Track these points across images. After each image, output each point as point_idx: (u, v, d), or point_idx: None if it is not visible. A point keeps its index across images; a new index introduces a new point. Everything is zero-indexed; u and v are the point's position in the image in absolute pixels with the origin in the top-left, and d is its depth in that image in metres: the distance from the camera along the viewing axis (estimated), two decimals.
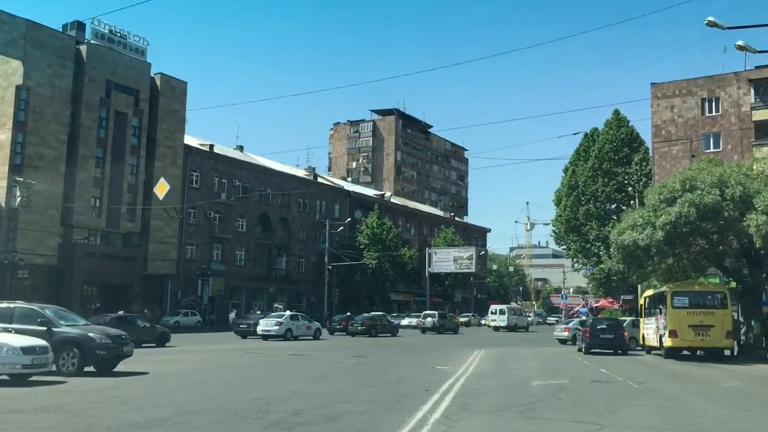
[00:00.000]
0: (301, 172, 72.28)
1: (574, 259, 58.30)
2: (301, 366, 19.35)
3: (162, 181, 41.03)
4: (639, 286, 42.65)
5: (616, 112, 57.37)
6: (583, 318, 52.80)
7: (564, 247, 58.51)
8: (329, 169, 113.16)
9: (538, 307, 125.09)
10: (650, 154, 50.70)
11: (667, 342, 24.20)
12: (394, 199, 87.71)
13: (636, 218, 26.46)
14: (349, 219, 64.09)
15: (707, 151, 46.33)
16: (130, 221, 50.64)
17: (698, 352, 24.96)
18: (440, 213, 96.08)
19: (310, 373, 16.72)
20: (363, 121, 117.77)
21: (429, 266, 75.16)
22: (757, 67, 43.65)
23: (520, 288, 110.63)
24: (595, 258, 55.21)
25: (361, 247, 67.02)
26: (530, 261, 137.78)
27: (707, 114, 46.95)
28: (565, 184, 57.30)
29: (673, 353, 24.37)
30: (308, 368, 18.41)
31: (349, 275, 70.02)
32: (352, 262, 63.29)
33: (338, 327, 44.29)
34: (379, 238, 66.26)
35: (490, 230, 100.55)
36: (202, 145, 59.38)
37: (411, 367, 19.01)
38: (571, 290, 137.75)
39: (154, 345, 27.33)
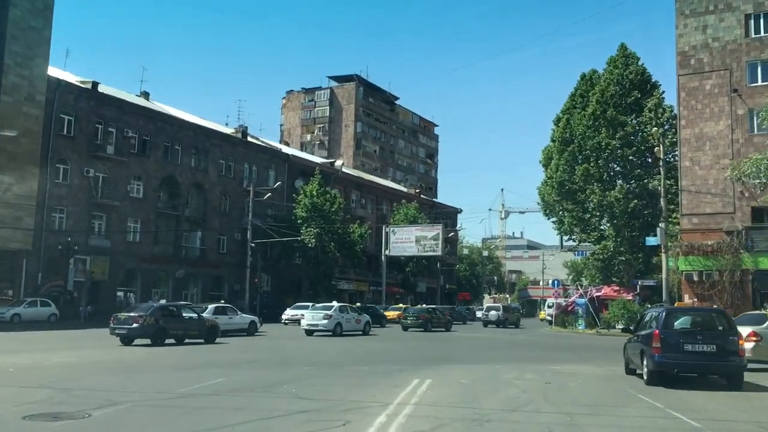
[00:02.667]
0: (227, 130, 58.04)
1: (569, 235, 45.22)
2: None
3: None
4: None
5: (623, 47, 44.50)
6: (575, 307, 39.90)
7: (554, 219, 45.45)
8: (281, 143, 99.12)
9: (513, 300, 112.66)
10: (671, 95, 37.72)
11: None
12: (348, 170, 73.93)
13: None
14: (279, 183, 50.11)
15: (753, 84, 33.81)
16: None
17: None
18: (403, 189, 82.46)
19: None
20: (319, 88, 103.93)
21: (386, 249, 61.65)
22: None
23: (495, 278, 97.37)
24: (596, 233, 42.18)
25: (299, 221, 53.31)
26: (504, 253, 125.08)
27: (753, 35, 34.53)
28: (557, 137, 44.17)
29: None
30: None
31: (285, 257, 56.23)
32: (284, 239, 49.55)
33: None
34: (320, 209, 52.53)
35: (461, 211, 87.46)
36: (82, 82, 45.00)
37: None
38: (550, 282, 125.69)
39: (202, 341, 22.85)
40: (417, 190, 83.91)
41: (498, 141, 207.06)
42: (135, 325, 21.13)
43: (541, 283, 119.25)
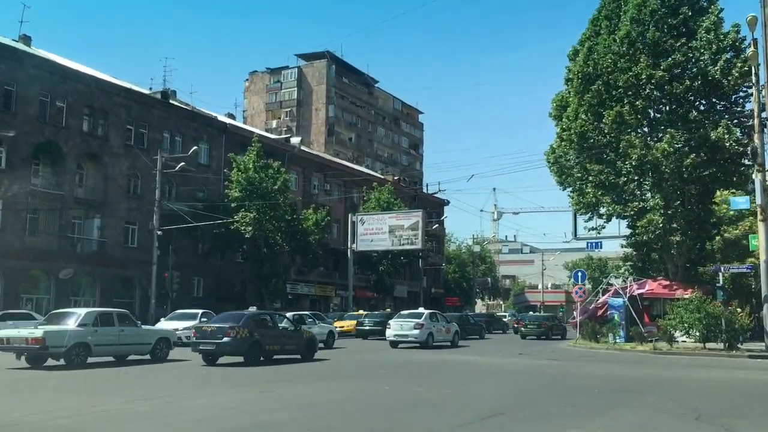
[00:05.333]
0: (141, 89, 44.97)
1: (592, 211, 32.40)
2: None
3: None
4: None
5: None
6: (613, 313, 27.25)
7: (572, 190, 32.69)
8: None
9: (508, 306, 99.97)
10: (732, 13, 25.25)
11: None
12: (309, 150, 61.15)
13: None
14: (195, 149, 37.09)
15: None
16: None
17: None
18: (378, 174, 69.63)
19: None
20: (286, 68, 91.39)
21: (353, 242, 48.85)
22: None
23: (488, 279, 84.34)
24: (636, 203, 29.37)
25: (234, 204, 40.53)
26: (498, 256, 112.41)
27: None
28: (575, 74, 31.49)
29: None
30: None
31: (221, 254, 43.43)
32: (200, 224, 36.80)
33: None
34: (258, 187, 39.73)
35: (448, 202, 74.53)
36: None
37: None
38: (549, 285, 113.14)
39: (299, 357, 19.03)
40: (396, 177, 71.19)
41: (494, 137, 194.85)
42: (226, 339, 17.45)
43: (540, 287, 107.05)
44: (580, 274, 28.84)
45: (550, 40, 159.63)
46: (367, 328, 35.09)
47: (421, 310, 30.81)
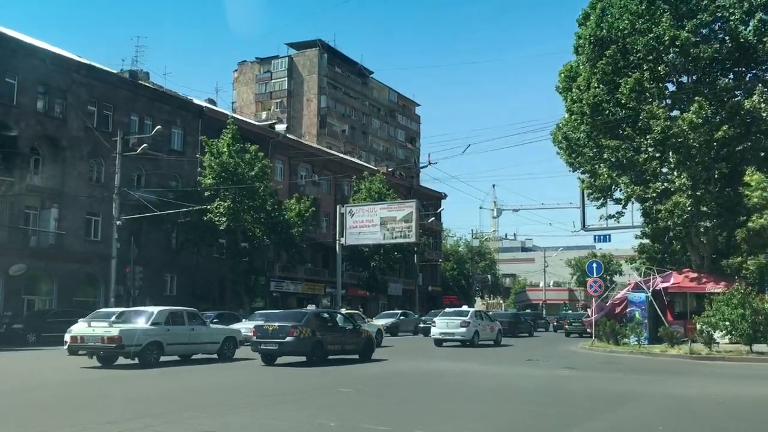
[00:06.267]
0: (107, 68, 40.99)
1: (605, 195, 28.45)
2: None
3: None
4: None
5: None
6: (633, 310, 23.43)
7: (583, 171, 28.79)
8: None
9: (509, 305, 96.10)
10: None
11: None
12: (295, 138, 57.29)
13: None
14: (159, 128, 33.15)
15: None
16: None
17: None
18: (370, 166, 65.75)
19: None
20: (276, 57, 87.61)
21: (342, 236, 45.02)
22: None
23: (488, 277, 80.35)
24: (658, 184, 25.38)
25: (207, 193, 36.72)
26: (498, 254, 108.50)
27: None
28: (586, 39, 27.63)
29: None
30: None
31: (197, 248, 39.68)
32: (164, 213, 32.98)
33: None
34: (234, 173, 35.88)
35: (446, 196, 70.71)
36: None
37: None
38: (551, 283, 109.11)
39: (357, 357, 18.40)
40: (390, 169, 67.32)
41: (492, 134, 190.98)
42: (289, 338, 16.78)
43: (542, 285, 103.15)
44: (595, 265, 24.82)
45: (549, 40, 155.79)
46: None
47: (465, 308, 30.49)
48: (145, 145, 32.22)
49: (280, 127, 52.09)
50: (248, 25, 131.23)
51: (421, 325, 38.54)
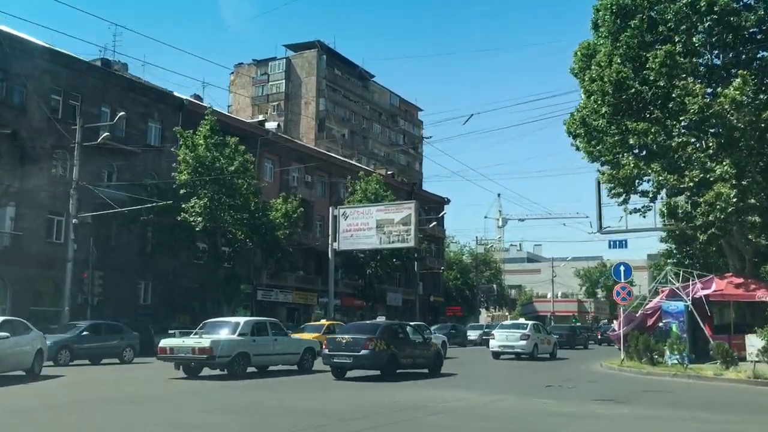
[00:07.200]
0: (74, 55, 37.35)
1: (628, 189, 24.50)
2: None
3: None
4: None
5: None
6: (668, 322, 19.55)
7: (604, 160, 24.87)
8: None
9: (515, 316, 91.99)
10: None
11: None
12: (288, 137, 53.69)
13: None
14: (122, 114, 29.53)
15: None
16: None
17: None
18: (367, 168, 62.03)
19: None
20: (273, 59, 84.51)
21: (335, 240, 41.31)
22: None
23: (494, 286, 76.22)
24: (697, 172, 21.41)
25: (183, 190, 33.07)
26: (503, 265, 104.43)
27: None
28: (607, 8, 23.92)
29: None
30: None
31: (177, 253, 36.04)
32: (126, 209, 29.36)
33: None
34: (211, 168, 32.23)
35: (448, 201, 66.97)
36: None
37: None
38: (559, 294, 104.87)
39: (426, 371, 17.91)
40: (389, 172, 63.66)
41: (496, 140, 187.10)
42: (364, 351, 16.19)
43: (549, 296, 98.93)
44: (622, 268, 20.90)
45: (556, 34, 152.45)
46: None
47: (522, 320, 31.23)
48: (107, 134, 28.67)
49: (271, 125, 48.54)
50: (245, 27, 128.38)
51: (470, 338, 42.89)
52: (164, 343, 17.50)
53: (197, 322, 30.54)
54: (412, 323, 23.81)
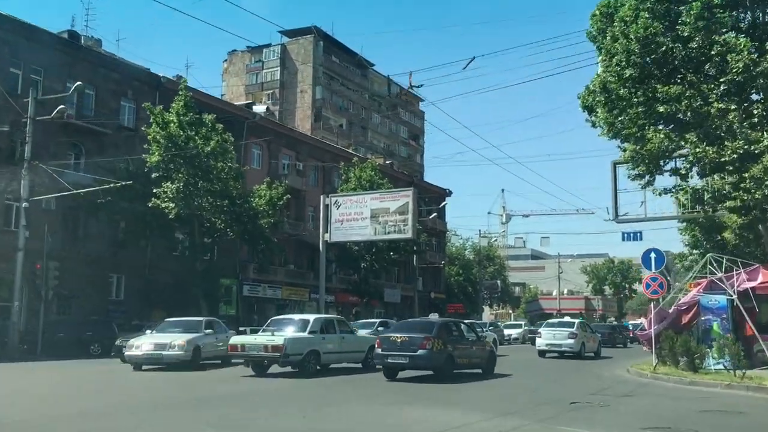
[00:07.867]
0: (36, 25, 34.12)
1: (655, 167, 21.13)
2: None
3: None
4: None
5: None
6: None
7: (627, 133, 21.53)
8: None
9: (519, 314, 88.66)
10: None
11: None
12: (278, 122, 50.42)
13: None
14: (79, 84, 26.23)
15: None
16: None
17: None
18: (360, 155, 58.66)
19: None
20: (268, 46, 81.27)
21: (326, 231, 38.08)
22: None
23: (498, 282, 72.97)
24: (739, 141, 18.10)
25: (155, 175, 29.87)
26: (507, 262, 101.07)
27: None
28: None
29: None
30: None
31: (153, 244, 32.88)
32: (76, 191, 26.22)
33: None
34: (183, 149, 28.99)
35: (450, 193, 63.73)
36: None
37: None
38: (565, 291, 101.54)
39: (480, 371, 17.29)
40: (388, 162, 60.40)
41: (498, 135, 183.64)
42: (421, 351, 15.51)
43: (555, 293, 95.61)
44: (653, 255, 17.63)
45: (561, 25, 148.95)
46: None
47: (567, 319, 31.65)
48: (62, 106, 25.38)
49: (259, 108, 45.29)
50: (239, 12, 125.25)
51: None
52: (235, 340, 17.53)
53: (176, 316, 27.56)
54: (465, 321, 23.07)
